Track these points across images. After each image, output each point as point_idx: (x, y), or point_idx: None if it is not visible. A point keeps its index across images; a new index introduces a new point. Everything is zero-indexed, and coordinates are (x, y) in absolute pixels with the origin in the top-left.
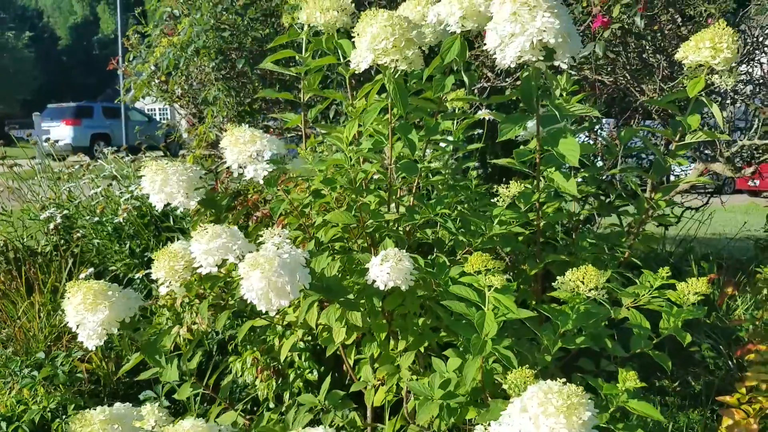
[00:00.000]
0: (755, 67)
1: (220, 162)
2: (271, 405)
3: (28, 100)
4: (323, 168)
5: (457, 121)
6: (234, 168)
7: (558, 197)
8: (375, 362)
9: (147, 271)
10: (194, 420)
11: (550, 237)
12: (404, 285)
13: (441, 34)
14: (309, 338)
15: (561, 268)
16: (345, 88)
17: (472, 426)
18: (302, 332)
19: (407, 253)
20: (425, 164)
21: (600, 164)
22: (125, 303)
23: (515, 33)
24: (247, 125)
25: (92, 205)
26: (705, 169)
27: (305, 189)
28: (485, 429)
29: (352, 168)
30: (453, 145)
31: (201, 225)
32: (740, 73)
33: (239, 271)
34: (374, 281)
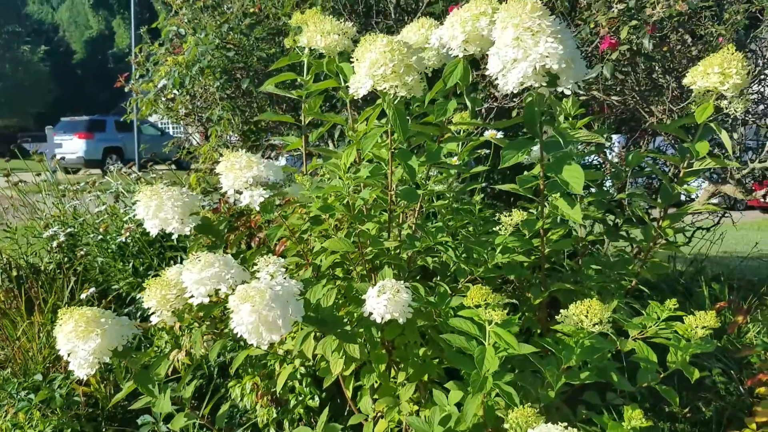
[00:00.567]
0: (767, 87)
1: None
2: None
3: (42, 113)
4: (321, 195)
5: (462, 144)
6: (230, 194)
7: (563, 223)
8: (375, 392)
9: None
10: None
11: (556, 262)
12: (402, 318)
13: (444, 57)
14: (310, 363)
15: (567, 296)
16: (348, 110)
17: None
18: (299, 362)
19: (405, 284)
20: (428, 187)
21: (608, 183)
22: (118, 331)
23: (518, 58)
24: (252, 145)
25: (97, 223)
26: (715, 191)
27: (304, 214)
28: None
29: (350, 195)
30: (457, 170)
31: (193, 254)
32: (752, 93)
33: (229, 304)
34: (371, 313)
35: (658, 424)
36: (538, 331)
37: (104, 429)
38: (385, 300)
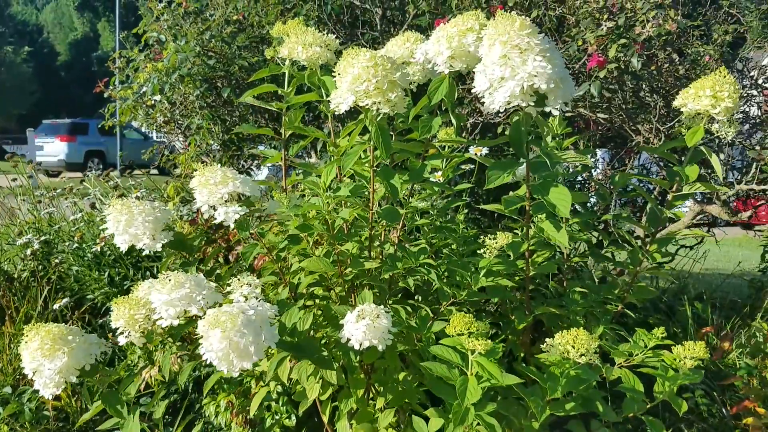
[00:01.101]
0: (752, 107)
1: None
2: None
3: (25, 115)
4: (299, 213)
5: (446, 160)
6: (204, 210)
7: (549, 246)
8: (353, 417)
9: None
10: None
11: (540, 283)
12: (381, 345)
13: (429, 73)
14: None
15: (552, 320)
16: (330, 124)
17: None
18: (274, 384)
19: (385, 309)
20: (411, 204)
21: (593, 200)
22: (86, 349)
23: (505, 77)
24: (233, 154)
25: (73, 231)
26: (700, 211)
27: (281, 231)
28: None
29: (330, 214)
30: (440, 188)
31: (163, 273)
32: (737, 113)
33: (198, 330)
34: (349, 339)
35: None
36: (522, 355)
37: None
38: (364, 326)
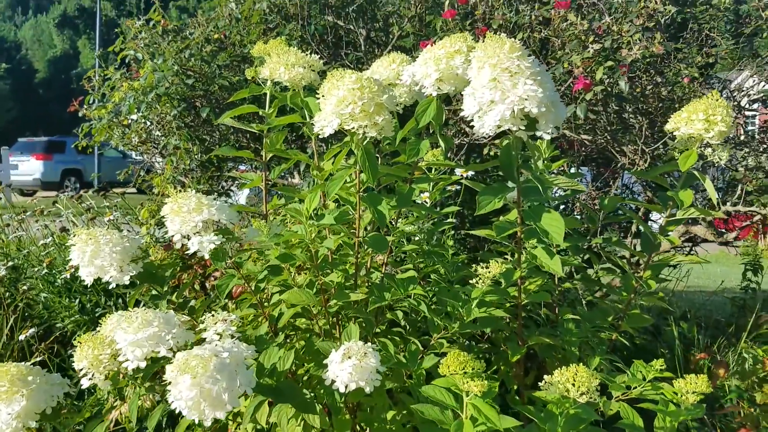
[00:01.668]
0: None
1: None
2: None
3: (1, 132)
4: (279, 242)
5: (433, 183)
6: (177, 239)
7: (540, 273)
8: None
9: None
10: None
11: (531, 310)
12: (369, 387)
13: (416, 94)
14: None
15: (546, 350)
16: (313, 145)
17: None
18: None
19: (374, 347)
20: (399, 229)
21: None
22: (47, 390)
23: (495, 100)
24: (213, 175)
25: (42, 255)
26: (686, 231)
27: (259, 259)
28: None
29: (313, 243)
30: (428, 212)
31: (129, 310)
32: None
33: (166, 375)
34: (334, 381)
35: None
36: (515, 387)
37: None
38: (351, 367)
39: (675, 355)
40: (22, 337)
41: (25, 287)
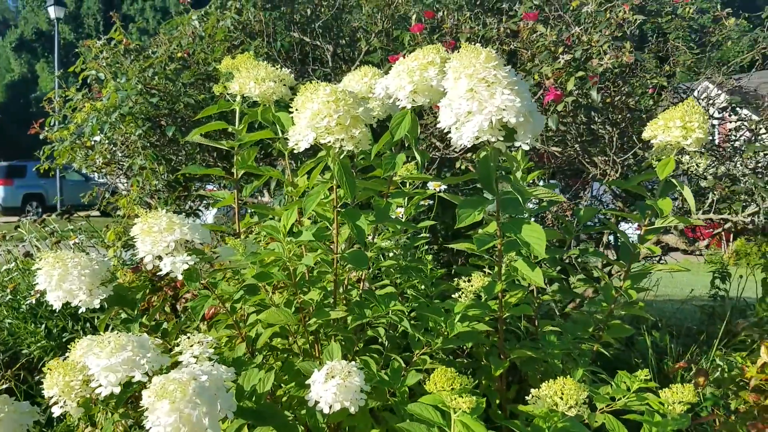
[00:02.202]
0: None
1: None
2: None
3: None
4: (256, 261)
5: (409, 198)
6: (148, 260)
7: (520, 286)
8: None
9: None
10: None
11: (511, 323)
12: (353, 407)
13: (390, 108)
14: None
15: (527, 363)
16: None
17: None
18: None
19: (357, 366)
20: (376, 245)
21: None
22: (16, 419)
23: (473, 111)
24: (180, 195)
25: (6, 281)
26: (657, 240)
27: (236, 278)
28: None
29: (291, 261)
30: (404, 227)
31: (100, 334)
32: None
33: (143, 401)
34: (317, 402)
35: None
36: (497, 402)
37: None
38: (335, 387)
39: (649, 365)
40: None
41: None
